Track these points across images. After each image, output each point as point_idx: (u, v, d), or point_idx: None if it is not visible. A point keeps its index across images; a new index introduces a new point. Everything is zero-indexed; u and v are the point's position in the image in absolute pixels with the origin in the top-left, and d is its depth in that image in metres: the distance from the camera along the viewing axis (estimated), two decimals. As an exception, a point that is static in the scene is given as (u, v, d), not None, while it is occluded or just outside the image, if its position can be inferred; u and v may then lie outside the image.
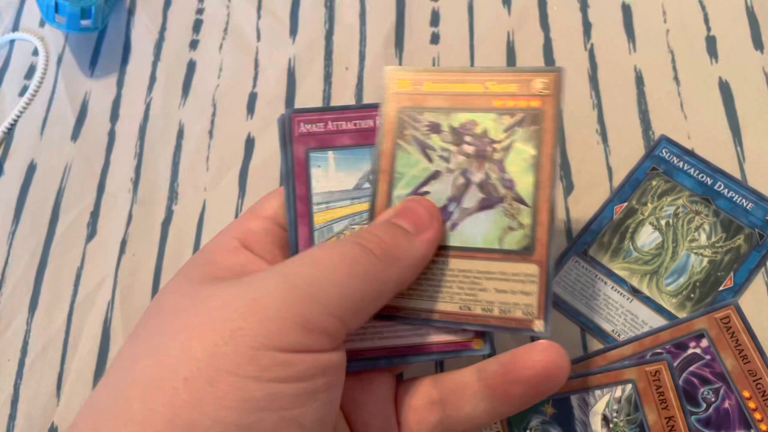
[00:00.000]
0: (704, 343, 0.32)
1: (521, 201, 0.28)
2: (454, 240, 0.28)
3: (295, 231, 0.27)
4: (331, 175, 0.27)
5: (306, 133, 0.27)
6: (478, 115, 0.29)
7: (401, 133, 0.29)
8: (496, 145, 0.28)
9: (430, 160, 0.29)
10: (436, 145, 0.29)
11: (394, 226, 0.25)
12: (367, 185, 0.28)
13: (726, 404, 0.31)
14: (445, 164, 0.29)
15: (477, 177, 0.28)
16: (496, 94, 0.29)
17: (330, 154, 0.28)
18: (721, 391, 0.31)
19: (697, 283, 0.34)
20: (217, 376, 0.19)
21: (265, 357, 0.19)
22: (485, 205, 0.28)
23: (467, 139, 0.29)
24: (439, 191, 0.28)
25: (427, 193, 0.28)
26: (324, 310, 0.21)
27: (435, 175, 0.28)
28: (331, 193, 0.27)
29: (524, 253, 0.27)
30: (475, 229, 0.28)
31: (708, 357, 0.32)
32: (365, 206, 0.28)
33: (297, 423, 0.20)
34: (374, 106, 0.28)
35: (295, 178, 0.27)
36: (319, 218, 0.27)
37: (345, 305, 0.22)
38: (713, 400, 0.31)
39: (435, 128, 0.29)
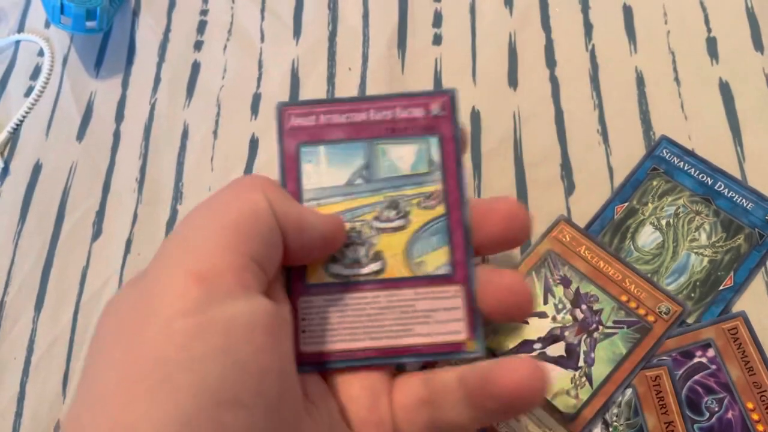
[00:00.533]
0: (711, 352, 0.32)
1: (589, 381, 0.32)
2: None
3: None
4: (323, 171, 0.27)
5: (297, 127, 0.27)
6: (605, 297, 0.34)
7: (539, 268, 0.35)
8: (601, 327, 0.33)
9: (545, 302, 0.34)
10: (557, 294, 0.34)
11: None
12: (359, 181, 0.27)
13: (729, 414, 0.31)
14: (554, 312, 0.34)
15: (570, 338, 0.33)
16: (630, 293, 0.34)
17: (321, 148, 0.27)
18: (725, 401, 0.31)
19: (698, 283, 0.34)
20: (145, 368, 0.19)
21: (176, 329, 0.19)
22: (562, 363, 0.32)
23: (583, 307, 0.34)
24: (538, 327, 0.33)
25: (526, 323, 0.33)
26: (202, 249, 0.21)
27: (542, 315, 0.34)
28: (322, 189, 0.27)
29: (567, 419, 0.31)
30: None
31: (714, 367, 0.32)
32: (357, 202, 0.27)
33: (236, 403, 0.19)
34: (367, 99, 0.27)
35: (285, 174, 0.27)
36: None
37: (218, 236, 0.21)
38: (717, 409, 0.31)
39: (565, 282, 0.34)
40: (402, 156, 0.27)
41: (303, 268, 0.26)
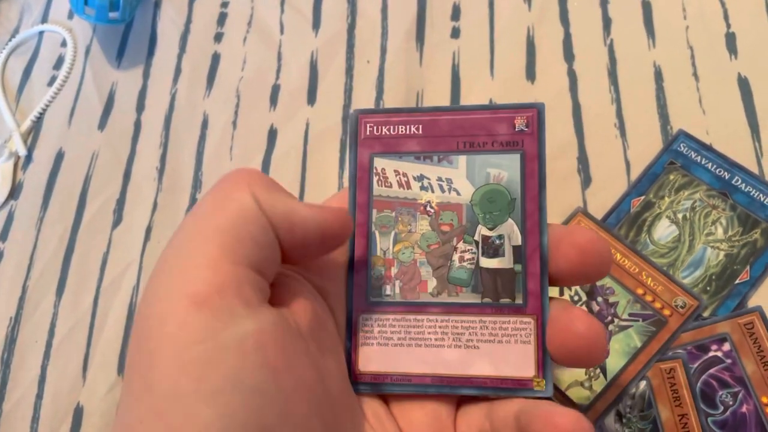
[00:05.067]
0: (726, 347, 0.32)
1: (604, 373, 0.32)
2: None
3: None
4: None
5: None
6: (621, 290, 0.34)
7: None
8: (617, 320, 0.33)
9: (561, 293, 0.34)
10: (573, 286, 0.34)
11: None
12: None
13: (744, 409, 0.31)
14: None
15: None
16: (647, 286, 0.34)
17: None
18: (740, 395, 0.32)
19: (713, 277, 0.34)
20: (165, 404, 0.18)
21: (187, 359, 0.18)
22: None
23: (599, 299, 0.34)
24: None
25: None
26: (194, 267, 0.19)
27: None
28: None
29: (580, 410, 0.30)
30: None
31: (729, 361, 0.32)
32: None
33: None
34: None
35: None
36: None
37: (212, 246, 0.20)
38: (731, 403, 0.31)
39: None
40: None
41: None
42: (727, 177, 0.36)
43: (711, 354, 0.33)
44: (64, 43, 0.48)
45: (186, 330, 0.18)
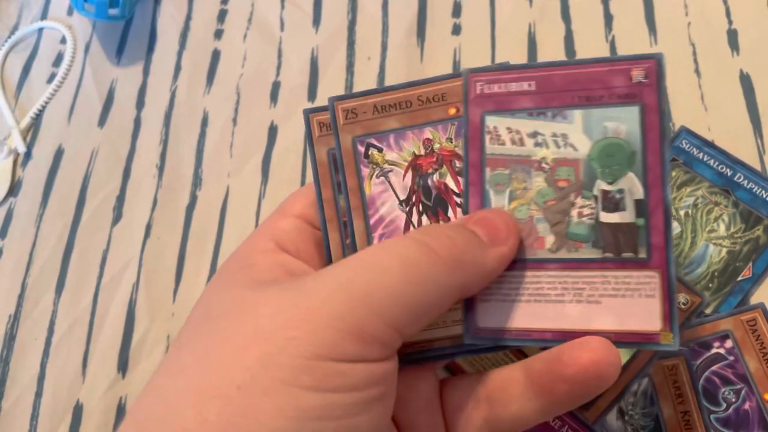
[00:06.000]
0: (728, 343, 0.32)
1: None
2: None
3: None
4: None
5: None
6: None
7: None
8: None
9: None
10: None
11: (468, 231, 0.23)
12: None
13: (746, 406, 0.31)
14: None
15: None
16: None
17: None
18: (743, 392, 0.31)
19: (716, 273, 0.34)
20: (273, 386, 0.19)
21: (320, 367, 0.19)
22: None
23: None
24: None
25: None
26: (379, 320, 0.20)
27: None
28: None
29: (582, 407, 0.30)
30: None
31: (731, 358, 0.32)
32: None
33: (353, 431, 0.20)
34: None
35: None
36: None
37: (401, 313, 0.21)
38: (734, 400, 0.31)
39: None
40: None
41: None
42: (729, 174, 0.36)
43: (713, 351, 0.32)
44: (63, 40, 0.48)
45: (332, 348, 0.20)
